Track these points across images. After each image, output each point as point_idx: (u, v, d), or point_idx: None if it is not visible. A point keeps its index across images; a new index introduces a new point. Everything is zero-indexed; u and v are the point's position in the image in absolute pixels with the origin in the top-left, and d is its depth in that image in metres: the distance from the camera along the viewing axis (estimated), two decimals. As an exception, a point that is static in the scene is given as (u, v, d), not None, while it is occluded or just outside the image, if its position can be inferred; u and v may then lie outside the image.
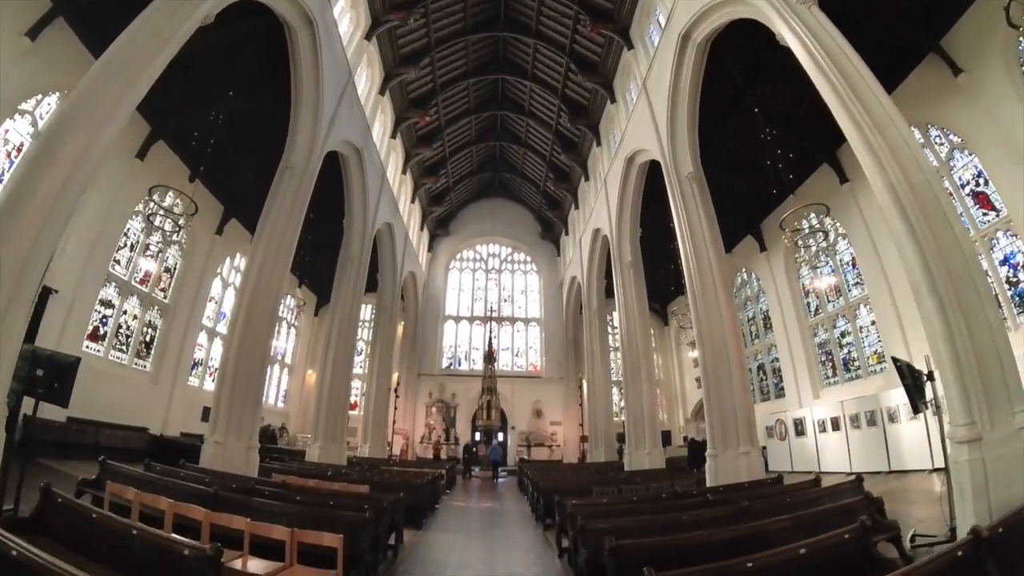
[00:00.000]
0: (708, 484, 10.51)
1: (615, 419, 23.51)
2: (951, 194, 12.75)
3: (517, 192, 34.26)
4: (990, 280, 11.88)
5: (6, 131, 11.88)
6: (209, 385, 21.52)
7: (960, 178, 13.51)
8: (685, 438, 23.22)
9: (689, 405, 28.82)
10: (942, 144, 13.91)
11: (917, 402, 7.08)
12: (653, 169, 17.45)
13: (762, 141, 17.90)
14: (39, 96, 12.56)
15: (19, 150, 12.20)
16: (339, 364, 16.56)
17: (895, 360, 7.41)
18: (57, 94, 12.84)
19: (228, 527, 5.22)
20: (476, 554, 7.34)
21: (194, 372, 20.58)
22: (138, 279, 17.55)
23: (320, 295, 28.99)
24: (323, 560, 4.85)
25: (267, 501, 6.49)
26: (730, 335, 11.59)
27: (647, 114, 15.90)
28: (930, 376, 7.20)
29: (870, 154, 7.37)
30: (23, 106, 12.21)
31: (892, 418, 14.65)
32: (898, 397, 14.54)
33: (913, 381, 7.10)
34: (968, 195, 13.34)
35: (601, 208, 21.55)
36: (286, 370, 28.32)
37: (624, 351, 17.75)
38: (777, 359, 22.21)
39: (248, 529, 5.11)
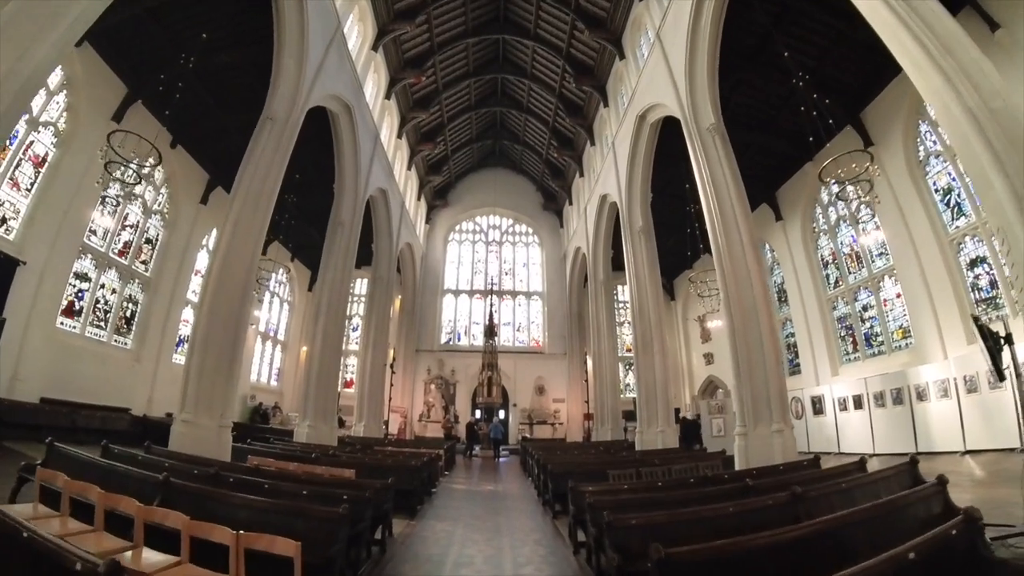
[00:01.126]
0: (738, 466, 9.50)
1: (621, 396, 22.56)
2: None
3: (518, 161, 32.86)
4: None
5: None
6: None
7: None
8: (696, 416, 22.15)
9: (696, 382, 27.85)
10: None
11: (1001, 367, 5.96)
12: (663, 130, 16.45)
13: (780, 102, 16.79)
14: None
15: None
16: (329, 336, 15.42)
17: (975, 319, 6.27)
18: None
19: (163, 525, 4.18)
20: (478, 548, 6.28)
21: (180, 349, 19.54)
22: (116, 250, 16.53)
23: (314, 270, 27.73)
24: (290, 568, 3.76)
25: (226, 492, 5.39)
26: (760, 299, 10.51)
27: (662, 66, 14.63)
28: (1008, 339, 6.06)
29: (941, 77, 6.21)
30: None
31: (921, 396, 13.73)
32: (927, 374, 13.67)
33: (995, 343, 5.97)
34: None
35: (609, 172, 20.32)
36: (279, 347, 27.32)
37: (635, 322, 16.65)
38: (792, 334, 21.18)
39: (186, 530, 4.03)
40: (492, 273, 31.50)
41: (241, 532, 3.78)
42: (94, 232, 15.63)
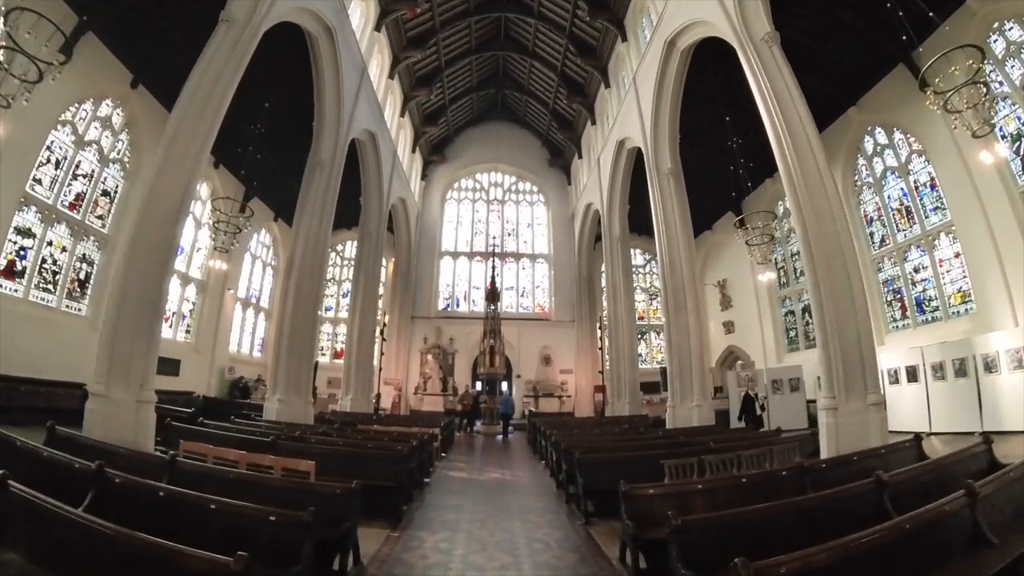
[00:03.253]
0: (827, 451, 7.47)
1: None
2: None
3: (522, 114, 30.25)
4: None
5: None
6: (164, 332, 18.46)
7: None
8: (718, 388, 20.10)
9: (714, 353, 25.68)
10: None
11: None
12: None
13: (827, 33, 14.44)
14: None
15: None
16: (304, 293, 13.11)
17: None
18: None
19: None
20: (487, 585, 4.17)
21: None
22: (67, 203, 14.31)
23: (300, 230, 25.64)
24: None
25: (75, 517, 3.26)
26: (845, 235, 8.48)
27: (698, -22, 12.26)
28: None
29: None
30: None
31: (990, 367, 11.87)
32: (998, 342, 11.72)
33: None
34: None
35: (628, 113, 17.98)
36: (262, 314, 25.17)
37: (665, 277, 14.42)
38: (829, 299, 19.11)
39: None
40: (494, 234, 29.07)
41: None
42: (39, 181, 13.41)
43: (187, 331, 19.82)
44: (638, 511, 4.41)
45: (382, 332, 22.07)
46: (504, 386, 23.87)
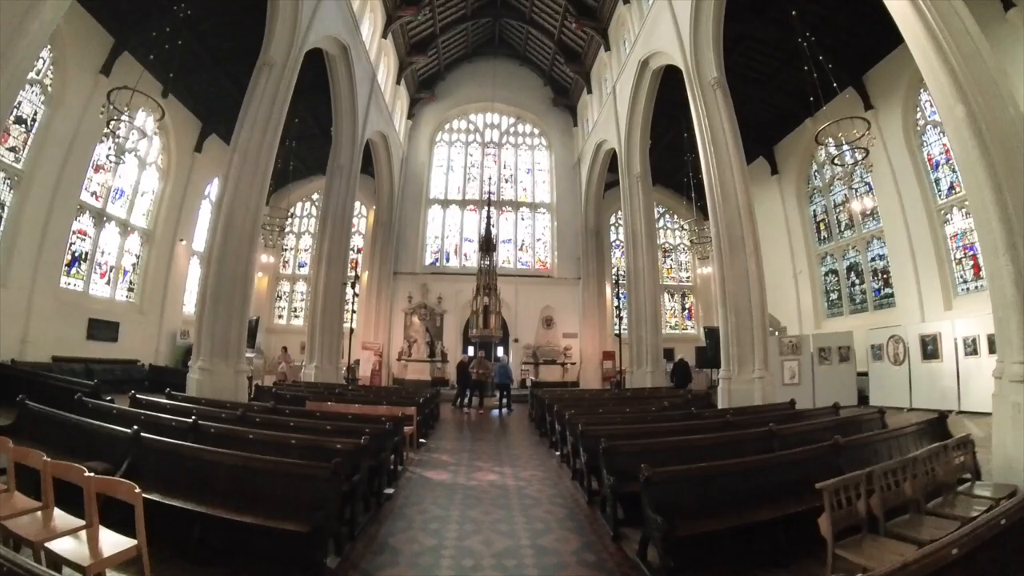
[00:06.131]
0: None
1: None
2: None
3: (523, 49, 26.71)
4: None
5: None
6: (99, 289, 15.66)
7: None
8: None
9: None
10: None
11: None
12: None
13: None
14: None
15: None
16: (236, 225, 10.06)
17: None
18: None
19: None
20: None
21: (73, 271, 14.71)
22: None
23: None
24: None
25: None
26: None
27: None
28: None
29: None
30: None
31: None
32: None
33: None
34: None
35: (657, 25, 14.88)
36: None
37: (716, 210, 11.51)
38: (882, 256, 16.53)
39: None
40: (489, 178, 25.45)
41: None
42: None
43: (130, 289, 16.90)
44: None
45: (353, 286, 18.92)
46: (500, 351, 20.85)
